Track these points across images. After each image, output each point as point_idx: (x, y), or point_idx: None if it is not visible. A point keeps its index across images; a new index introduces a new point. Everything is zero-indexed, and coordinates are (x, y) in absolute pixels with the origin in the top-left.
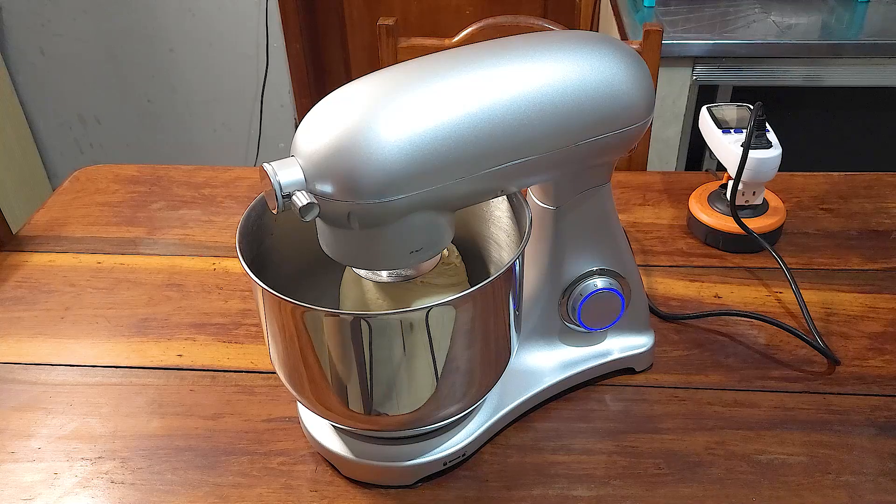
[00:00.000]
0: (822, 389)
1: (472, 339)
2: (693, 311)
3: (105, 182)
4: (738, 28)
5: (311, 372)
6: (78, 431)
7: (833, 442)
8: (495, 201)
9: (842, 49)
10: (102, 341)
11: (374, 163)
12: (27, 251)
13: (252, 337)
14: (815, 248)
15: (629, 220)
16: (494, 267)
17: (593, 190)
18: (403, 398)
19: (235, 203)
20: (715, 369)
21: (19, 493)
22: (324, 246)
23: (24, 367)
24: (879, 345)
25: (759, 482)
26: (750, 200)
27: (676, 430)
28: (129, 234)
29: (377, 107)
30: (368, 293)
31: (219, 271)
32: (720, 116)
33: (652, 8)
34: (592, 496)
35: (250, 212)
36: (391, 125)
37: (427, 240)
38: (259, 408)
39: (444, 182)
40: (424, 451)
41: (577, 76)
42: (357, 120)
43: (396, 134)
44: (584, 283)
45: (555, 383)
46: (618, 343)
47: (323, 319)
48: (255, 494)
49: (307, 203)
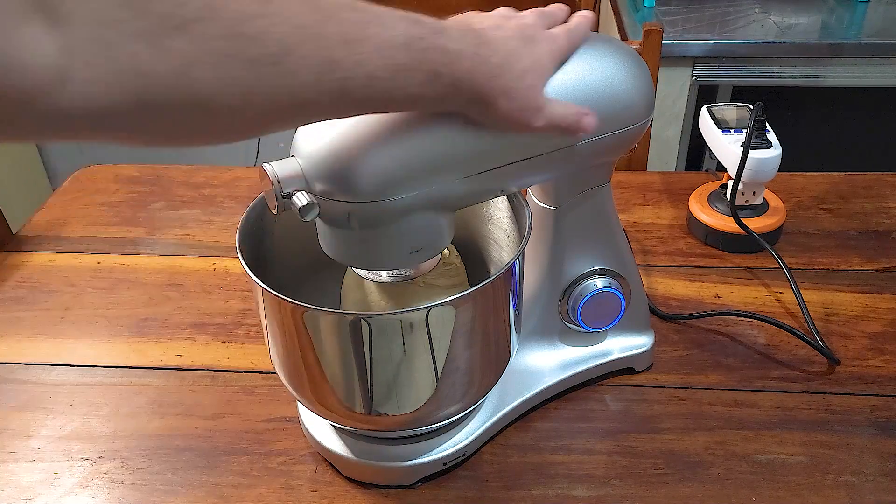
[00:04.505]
0: (822, 389)
1: (472, 339)
2: (693, 311)
3: (105, 182)
4: (738, 28)
5: (311, 372)
6: (78, 431)
7: (833, 442)
8: (495, 201)
9: (842, 49)
10: (102, 341)
11: (374, 163)
12: (27, 251)
13: (252, 337)
14: (815, 248)
15: (629, 220)
16: (494, 267)
17: (593, 190)
18: (403, 398)
19: (235, 203)
20: (715, 369)
21: (19, 493)
22: (324, 246)
23: (24, 367)
24: (879, 345)
25: (759, 482)
26: (750, 200)
27: (676, 430)
28: (129, 234)
29: None
30: (369, 294)
31: (219, 271)
32: (720, 116)
33: (652, 8)
34: (592, 496)
35: (250, 212)
36: (391, 125)
37: (427, 240)
38: (259, 408)
39: (443, 182)
40: (424, 451)
41: (576, 76)
42: (357, 120)
43: (396, 134)
44: (584, 283)
45: (555, 383)
46: (618, 343)
47: (323, 319)
48: (255, 494)
49: (307, 203)
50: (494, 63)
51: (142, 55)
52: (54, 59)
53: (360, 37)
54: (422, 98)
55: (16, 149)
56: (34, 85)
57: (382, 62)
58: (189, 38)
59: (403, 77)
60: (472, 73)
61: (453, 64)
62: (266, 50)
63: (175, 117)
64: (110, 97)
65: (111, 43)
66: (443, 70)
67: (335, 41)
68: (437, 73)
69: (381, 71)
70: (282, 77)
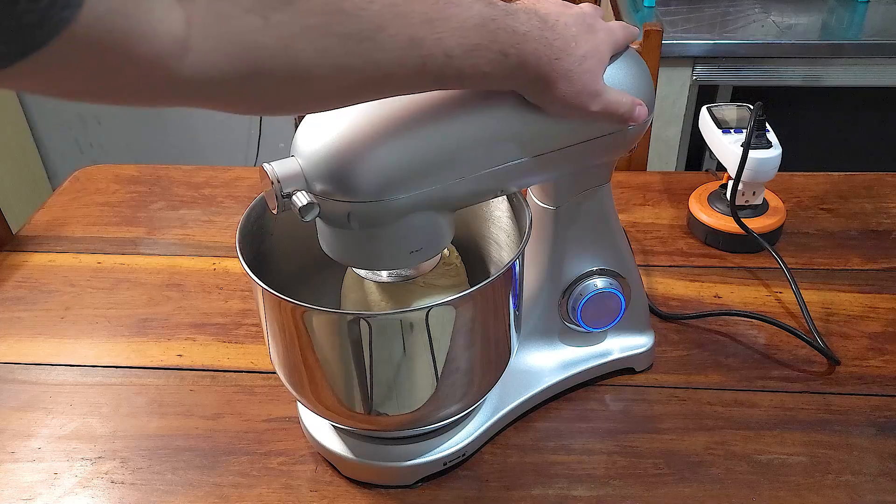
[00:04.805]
0: (822, 389)
1: (472, 339)
2: (693, 311)
3: (105, 182)
4: (738, 28)
5: (311, 372)
6: (78, 431)
7: (833, 442)
8: (495, 201)
9: (842, 49)
10: (102, 341)
11: (374, 162)
12: (27, 251)
13: (252, 337)
14: (815, 248)
15: (629, 220)
16: (494, 267)
17: (593, 190)
18: (403, 398)
19: (235, 203)
20: (715, 369)
21: (19, 493)
22: (324, 246)
23: (24, 367)
24: (879, 345)
25: (759, 482)
26: (750, 200)
27: (676, 430)
28: (129, 234)
29: (377, 106)
30: (369, 295)
31: (219, 271)
32: (720, 116)
33: (652, 8)
34: (592, 496)
35: (250, 212)
36: (391, 125)
37: (427, 240)
38: (259, 408)
39: (443, 182)
40: (424, 451)
41: None
42: (357, 120)
43: (396, 133)
44: (584, 283)
45: (555, 383)
46: (618, 343)
47: (323, 319)
48: (255, 494)
49: (307, 203)
50: (557, 46)
51: (253, 28)
52: (179, 29)
53: (441, 16)
54: (490, 76)
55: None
56: (161, 53)
57: (458, 41)
58: (294, 12)
59: (476, 56)
60: (537, 55)
61: (521, 45)
62: (360, 26)
63: (278, 87)
64: (224, 67)
65: (227, 16)
66: (511, 50)
67: (419, 20)
68: (506, 54)
69: (458, 49)
70: (372, 52)
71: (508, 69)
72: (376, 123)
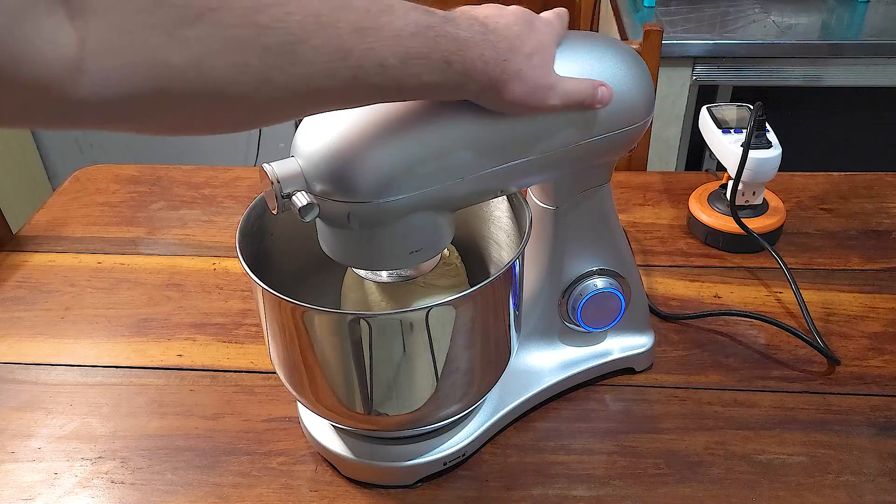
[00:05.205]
0: (822, 389)
1: (472, 339)
2: (693, 311)
3: (105, 182)
4: (738, 28)
5: (311, 372)
6: (78, 431)
7: (833, 442)
8: (495, 201)
9: (842, 49)
10: (102, 341)
11: (374, 163)
12: (27, 251)
13: (252, 337)
14: (815, 248)
15: (629, 220)
16: (494, 267)
17: (593, 190)
18: (403, 398)
19: (235, 203)
20: (715, 369)
21: (19, 493)
22: (324, 246)
23: (24, 367)
24: (879, 345)
25: (759, 482)
26: (750, 200)
27: (676, 430)
28: (129, 234)
29: (377, 107)
30: (369, 294)
31: (219, 271)
32: (720, 116)
33: (652, 8)
34: (592, 496)
35: (250, 212)
36: (391, 125)
37: (427, 240)
38: (259, 408)
39: (443, 182)
40: (424, 451)
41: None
42: (357, 120)
43: (396, 134)
44: (584, 283)
45: (555, 383)
46: (618, 343)
47: (323, 319)
48: (255, 494)
49: (307, 203)
50: (503, 48)
51: (157, 45)
52: (70, 51)
53: (373, 25)
54: (435, 86)
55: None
56: (51, 76)
57: (394, 50)
58: (205, 27)
59: (415, 65)
60: (483, 59)
61: (464, 51)
62: (280, 38)
63: (190, 106)
64: (126, 87)
65: (130, 34)
66: (454, 58)
67: (347, 30)
68: (449, 61)
69: (393, 59)
70: (295, 65)
71: (454, 77)
72: (376, 124)
